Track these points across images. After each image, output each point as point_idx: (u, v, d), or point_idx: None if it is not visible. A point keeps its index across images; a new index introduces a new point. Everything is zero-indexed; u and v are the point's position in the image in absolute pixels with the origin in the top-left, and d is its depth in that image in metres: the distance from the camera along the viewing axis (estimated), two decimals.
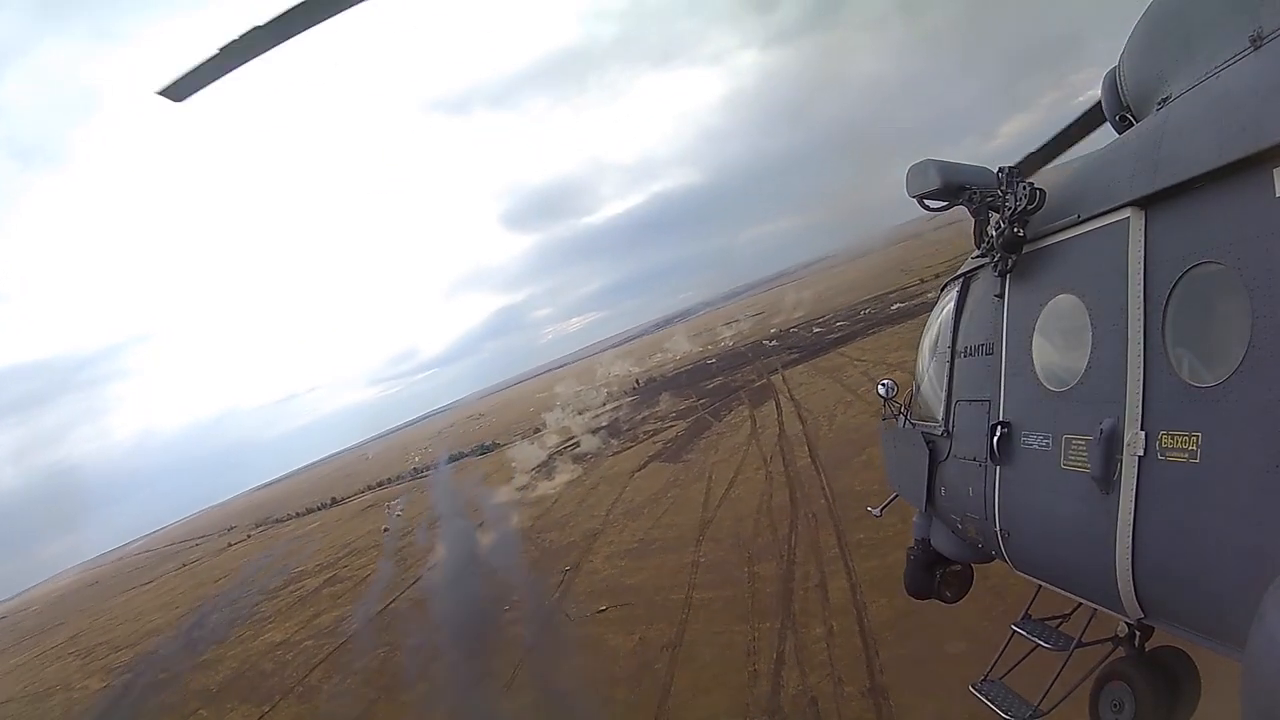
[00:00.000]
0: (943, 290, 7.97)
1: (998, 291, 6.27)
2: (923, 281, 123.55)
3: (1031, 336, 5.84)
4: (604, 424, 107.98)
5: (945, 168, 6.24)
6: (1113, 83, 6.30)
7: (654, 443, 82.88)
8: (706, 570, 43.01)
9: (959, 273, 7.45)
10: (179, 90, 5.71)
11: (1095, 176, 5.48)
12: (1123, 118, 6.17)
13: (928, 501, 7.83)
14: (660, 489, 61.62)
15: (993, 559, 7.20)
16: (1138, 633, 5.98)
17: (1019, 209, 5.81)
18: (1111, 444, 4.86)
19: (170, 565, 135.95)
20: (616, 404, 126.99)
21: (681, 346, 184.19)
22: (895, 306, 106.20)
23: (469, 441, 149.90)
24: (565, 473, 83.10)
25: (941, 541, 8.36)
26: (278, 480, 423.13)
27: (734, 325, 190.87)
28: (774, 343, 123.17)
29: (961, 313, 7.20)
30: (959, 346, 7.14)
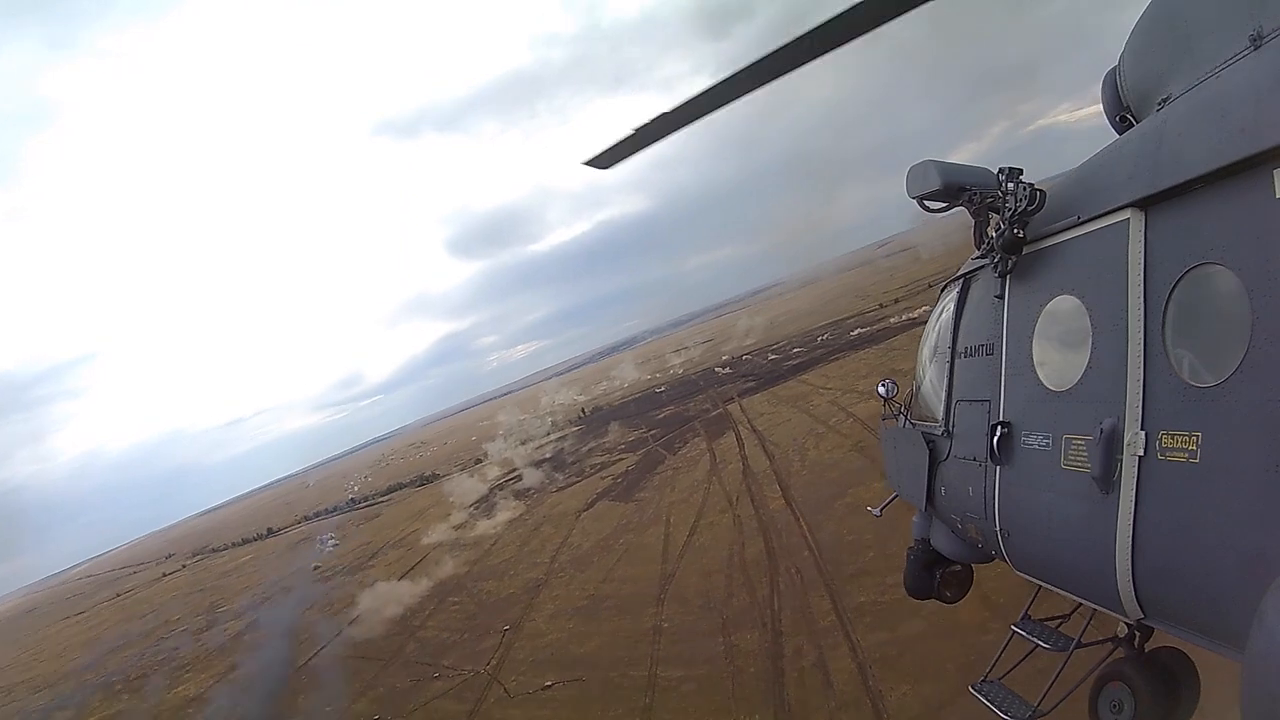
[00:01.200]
0: (943, 291, 7.98)
1: (998, 292, 6.34)
2: (881, 306, 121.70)
3: (1031, 337, 5.90)
4: (548, 455, 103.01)
5: (946, 169, 6.25)
6: (1113, 83, 6.36)
7: (602, 478, 77.61)
8: (672, 639, 36.43)
9: (959, 273, 7.50)
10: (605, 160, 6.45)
11: (1095, 177, 5.56)
12: (1123, 118, 6.24)
13: (928, 501, 7.80)
14: (611, 533, 56.32)
15: (993, 559, 7.17)
16: (1137, 633, 5.99)
17: (1019, 210, 5.86)
18: (1112, 444, 4.87)
19: (106, 594, 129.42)
20: (561, 434, 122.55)
21: (629, 374, 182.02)
22: (856, 332, 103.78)
23: (409, 471, 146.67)
24: (506, 510, 77.48)
25: (941, 541, 8.34)
26: (221, 506, 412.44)
27: (683, 352, 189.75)
28: (727, 370, 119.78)
29: (962, 313, 7.23)
30: (959, 347, 7.17)
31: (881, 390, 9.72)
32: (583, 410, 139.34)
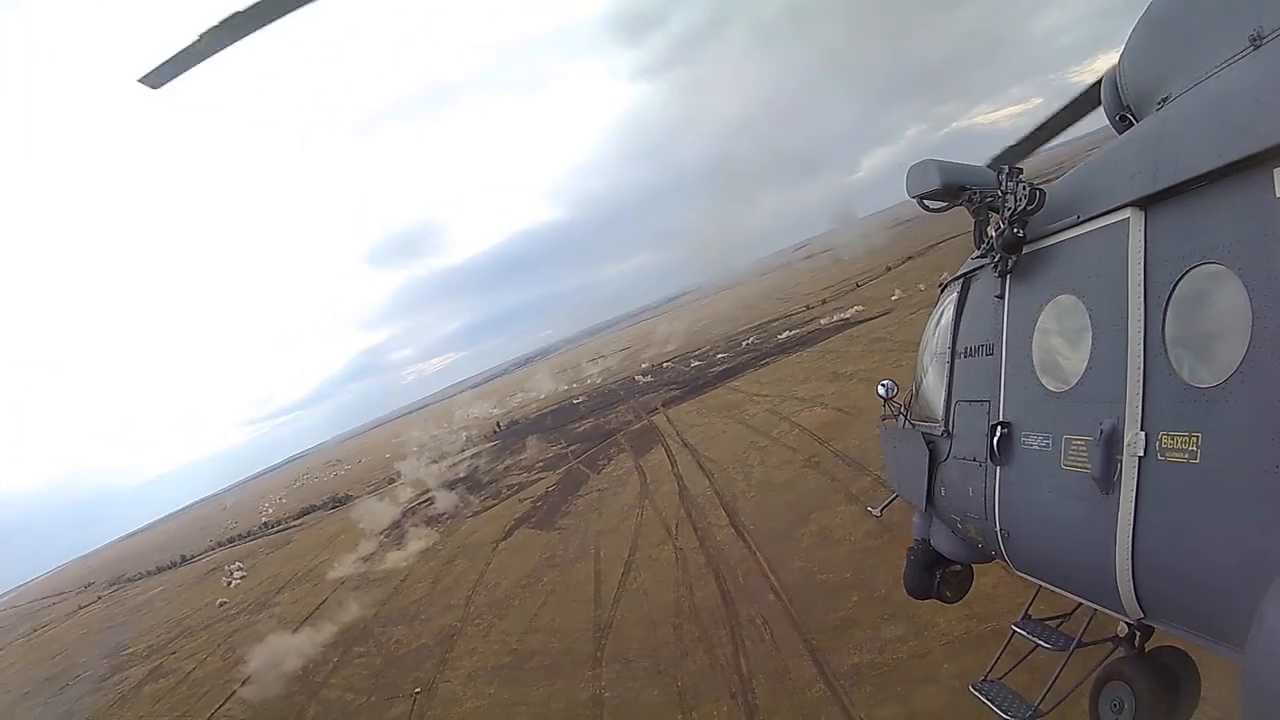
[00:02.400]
0: (943, 290, 8.12)
1: (998, 292, 6.50)
2: (808, 308, 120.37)
3: (1031, 337, 6.06)
4: (462, 475, 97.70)
5: (945, 168, 6.44)
6: (1112, 82, 6.48)
7: (520, 500, 71.78)
8: (619, 715, 29.67)
9: (959, 273, 7.64)
10: (158, 77, 6.01)
11: (1095, 177, 5.73)
12: (1123, 117, 6.35)
13: (928, 501, 7.99)
14: (533, 569, 49.72)
15: (993, 559, 7.39)
16: (1138, 633, 6.13)
17: (1019, 209, 6.01)
18: (1112, 444, 5.02)
19: (24, 629, 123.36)
20: (476, 450, 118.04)
21: (545, 385, 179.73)
22: (785, 335, 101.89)
23: (323, 492, 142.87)
24: (418, 539, 71.38)
25: (941, 541, 8.56)
26: (143, 530, 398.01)
27: (600, 361, 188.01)
28: (649, 378, 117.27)
29: (961, 313, 7.39)
30: (959, 347, 7.34)
31: (881, 390, 9.74)
32: (497, 424, 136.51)
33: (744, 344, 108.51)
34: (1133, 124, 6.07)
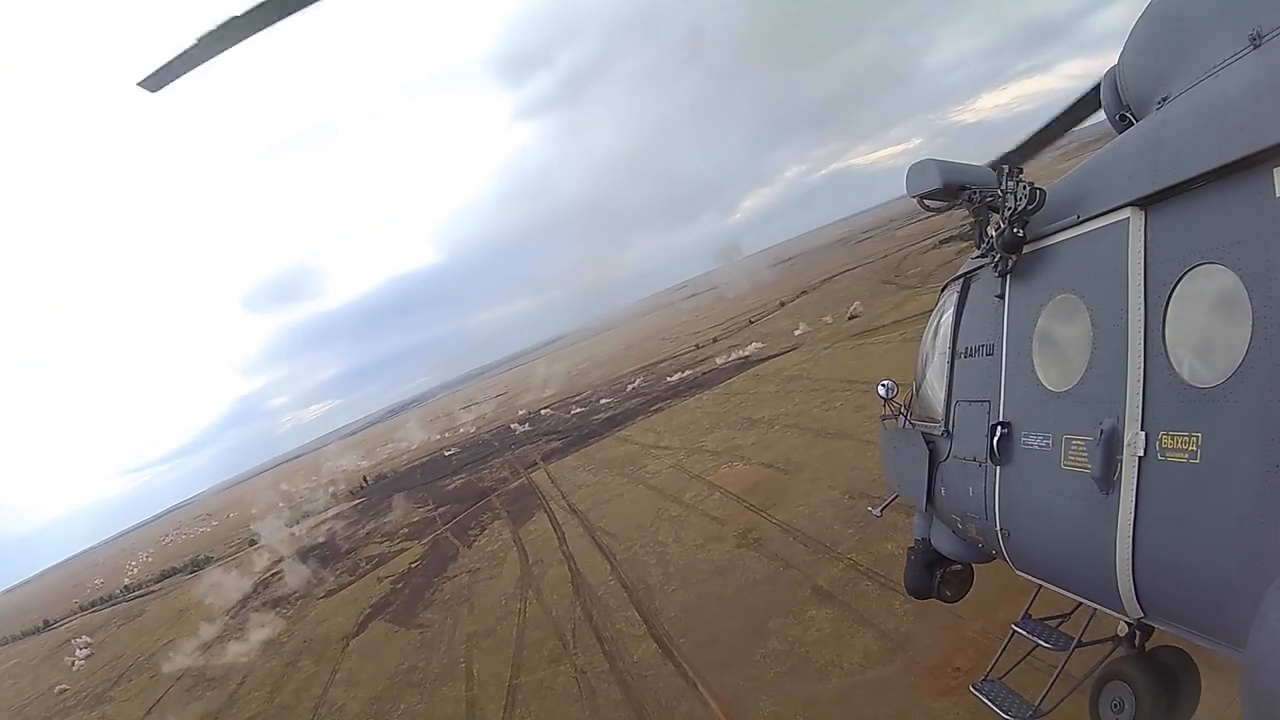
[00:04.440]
0: (943, 290, 8.34)
1: (998, 292, 6.72)
2: (698, 347, 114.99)
3: (1032, 337, 6.27)
4: (320, 540, 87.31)
5: (946, 168, 6.60)
6: (1112, 82, 6.65)
7: (380, 578, 61.04)
8: None
9: (959, 273, 7.91)
10: (157, 80, 6.33)
11: (1095, 176, 5.91)
12: (1123, 117, 6.49)
13: (928, 501, 8.21)
14: (388, 685, 37.23)
15: (993, 559, 7.68)
16: (1138, 632, 6.37)
17: (1019, 209, 6.18)
18: (1112, 444, 5.20)
19: None
20: (339, 509, 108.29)
21: (416, 435, 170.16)
22: (676, 377, 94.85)
23: (187, 552, 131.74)
24: (262, 625, 60.83)
25: (942, 541, 8.74)
26: (21, 584, 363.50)
27: (475, 408, 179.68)
28: (526, 427, 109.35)
29: (962, 313, 7.60)
30: (959, 347, 7.55)
31: (881, 390, 9.83)
32: (365, 479, 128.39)
33: (629, 387, 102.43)
34: (1133, 124, 6.22)
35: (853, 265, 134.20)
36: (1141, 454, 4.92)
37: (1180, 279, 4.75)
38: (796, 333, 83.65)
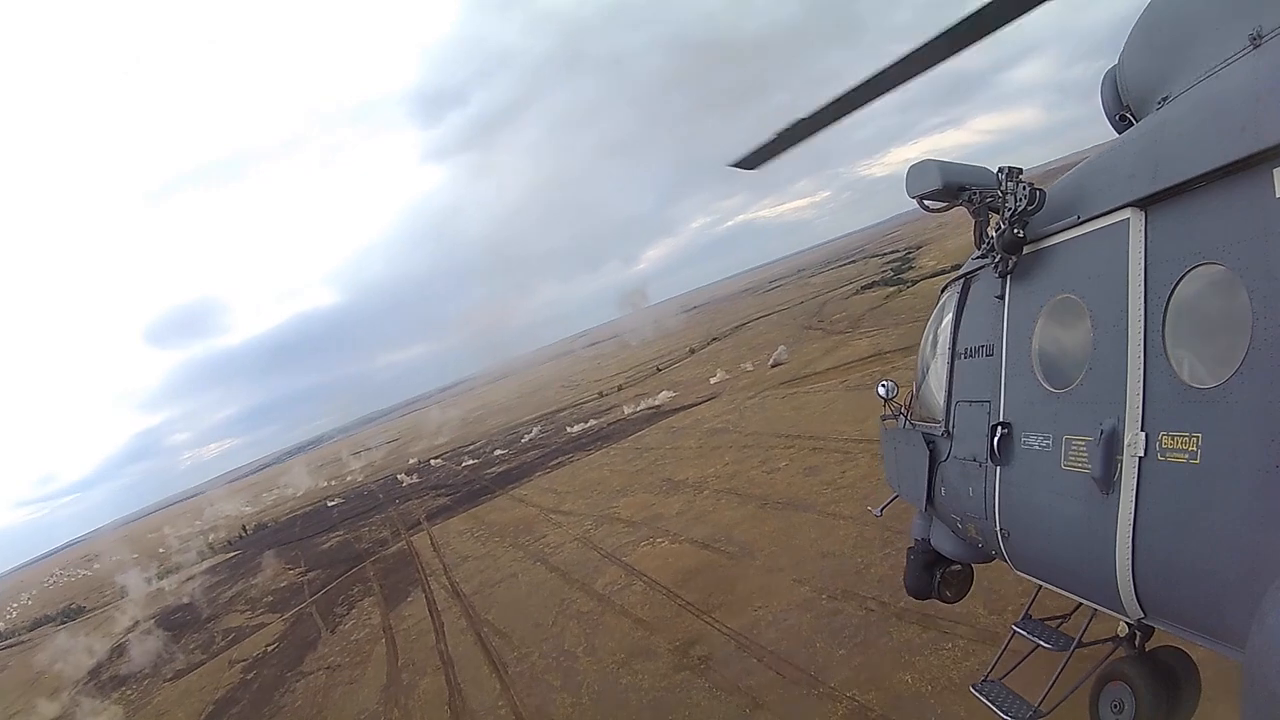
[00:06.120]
0: (943, 291, 8.31)
1: (998, 292, 6.76)
2: (602, 395, 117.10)
3: (1032, 337, 6.30)
4: (184, 601, 75.45)
5: (946, 168, 6.62)
6: (1112, 82, 6.73)
7: (231, 661, 49.71)
8: None
9: (959, 273, 7.91)
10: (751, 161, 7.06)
11: (1095, 177, 5.94)
12: (1123, 117, 6.62)
13: (928, 502, 8.12)
14: None
15: (993, 559, 7.69)
16: (1138, 633, 6.41)
17: (1019, 210, 6.23)
18: (1112, 445, 5.17)
19: None
20: (213, 563, 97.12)
21: (303, 481, 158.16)
22: (578, 427, 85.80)
23: (64, 597, 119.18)
24: (98, 714, 49.53)
25: (942, 541, 8.63)
26: None
27: (365, 454, 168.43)
28: (414, 478, 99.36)
29: (962, 313, 7.59)
30: (959, 347, 7.53)
31: (881, 391, 9.73)
32: (244, 528, 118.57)
33: (526, 438, 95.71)
34: (1133, 124, 6.39)
35: (767, 312, 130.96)
36: (1142, 454, 4.95)
37: (1180, 279, 4.80)
38: (713, 381, 79.45)
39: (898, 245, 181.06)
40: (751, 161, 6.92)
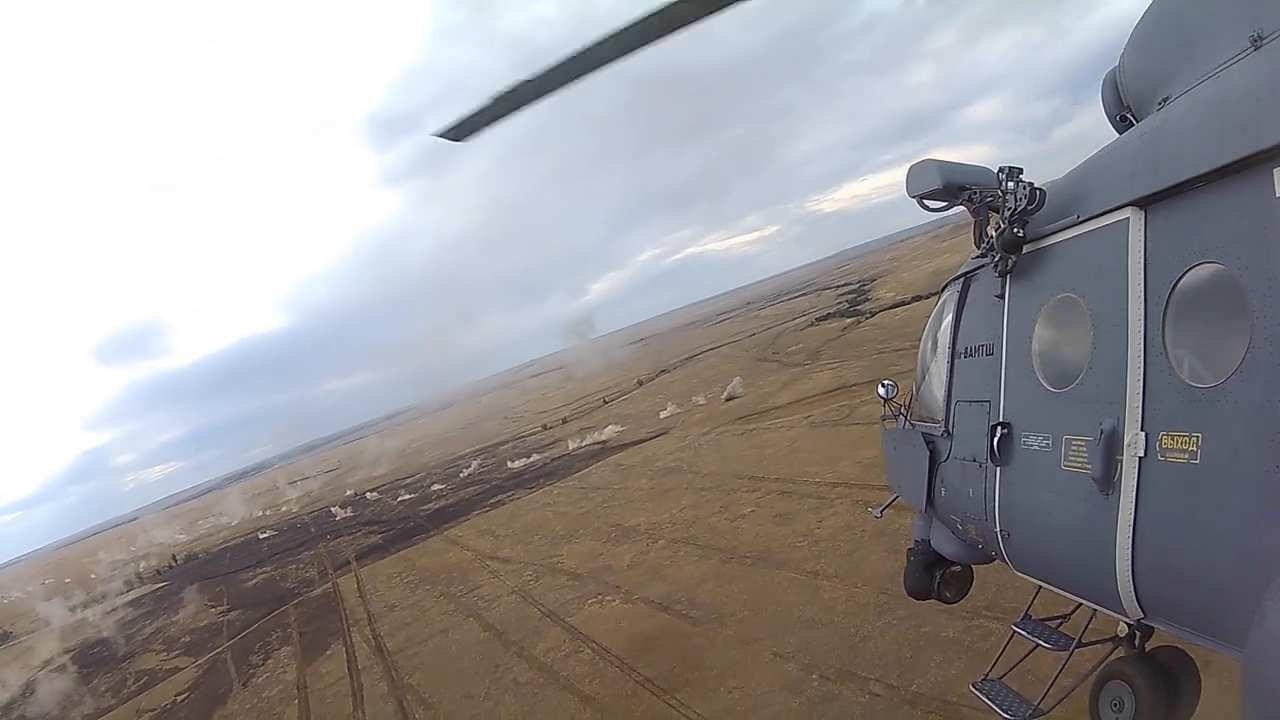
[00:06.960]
0: (943, 290, 8.24)
1: (998, 292, 6.72)
2: (546, 428, 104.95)
3: (1032, 337, 6.28)
4: (103, 635, 69.96)
5: (946, 168, 6.61)
6: (1113, 82, 6.69)
7: (138, 711, 44.31)
8: None
9: (959, 273, 7.80)
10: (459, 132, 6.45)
11: (1095, 176, 5.87)
12: (1123, 117, 6.58)
13: (928, 502, 8.02)
14: None
15: (993, 560, 7.55)
16: (1138, 633, 6.29)
17: (1019, 209, 6.16)
18: (1112, 445, 5.09)
19: None
20: (138, 594, 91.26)
21: (238, 510, 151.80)
22: (520, 463, 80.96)
23: None
24: None
25: (941, 542, 8.55)
26: None
27: (302, 484, 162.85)
28: (348, 512, 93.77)
29: (962, 313, 7.52)
30: (959, 347, 7.46)
31: (881, 391, 9.65)
32: (174, 558, 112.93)
33: (465, 473, 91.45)
34: (1133, 124, 6.36)
35: (718, 344, 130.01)
36: (1141, 454, 4.90)
37: (1180, 279, 4.78)
38: (663, 415, 77.27)
39: (849, 278, 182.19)
40: (459, 132, 6.30)
